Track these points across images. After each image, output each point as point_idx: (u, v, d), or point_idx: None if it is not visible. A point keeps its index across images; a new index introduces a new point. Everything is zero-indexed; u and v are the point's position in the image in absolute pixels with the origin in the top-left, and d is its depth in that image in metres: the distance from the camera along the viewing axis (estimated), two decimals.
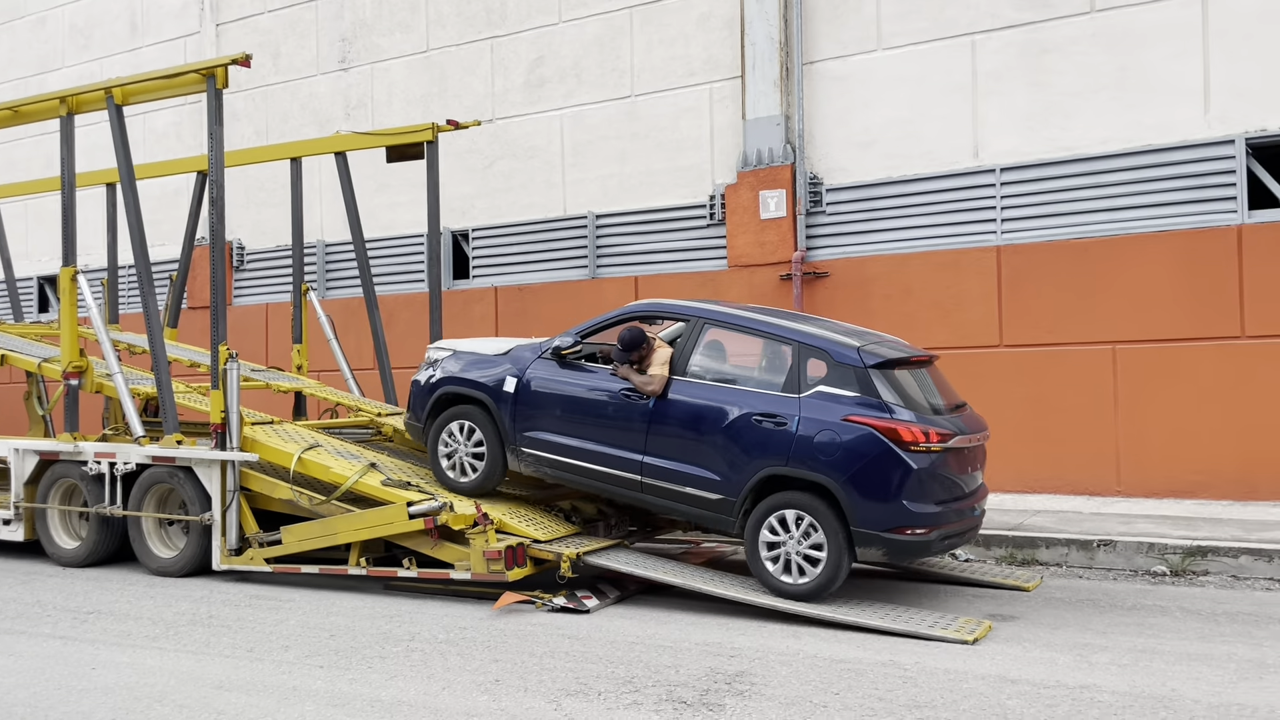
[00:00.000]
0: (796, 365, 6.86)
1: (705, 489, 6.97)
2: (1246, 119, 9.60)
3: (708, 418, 6.97)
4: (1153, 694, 5.07)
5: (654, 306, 7.88)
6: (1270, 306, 9.39)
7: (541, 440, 7.54)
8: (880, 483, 6.47)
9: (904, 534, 6.49)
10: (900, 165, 11.21)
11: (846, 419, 6.57)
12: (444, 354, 8.16)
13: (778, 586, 6.71)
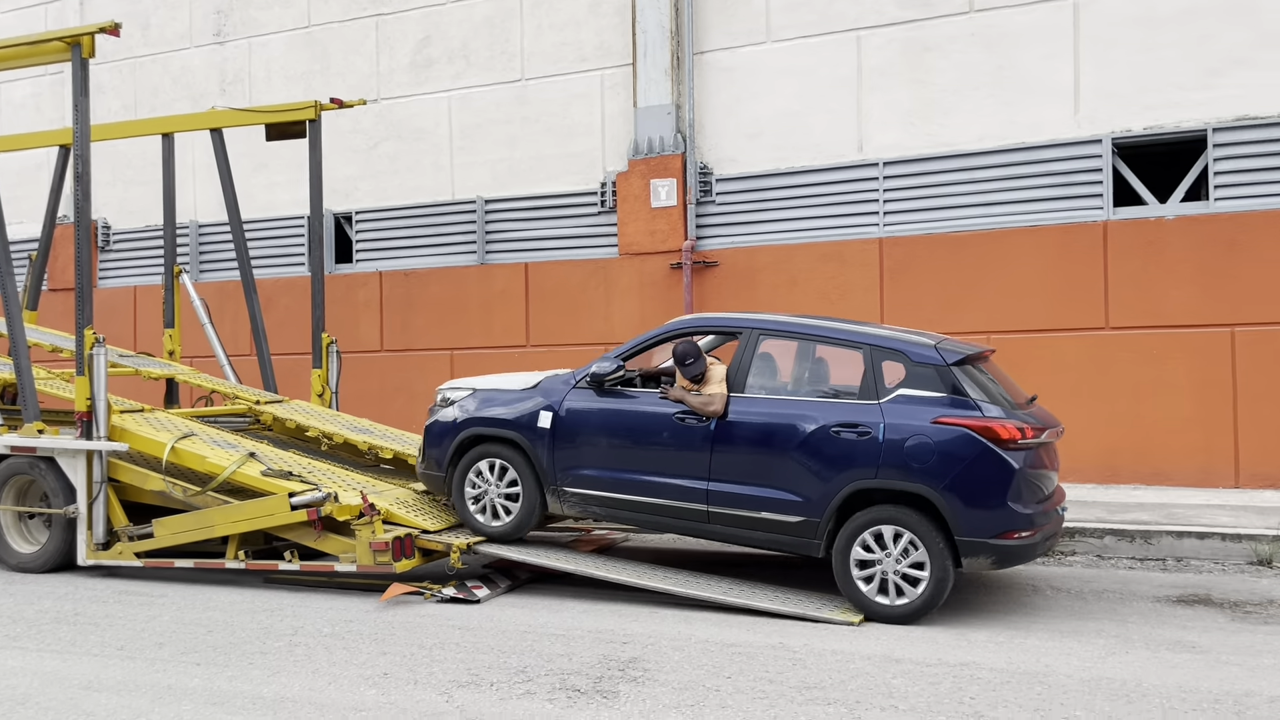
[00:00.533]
0: (871, 369, 6.40)
1: (784, 512, 6.44)
2: (1113, 120, 10.07)
3: (779, 434, 6.45)
4: (1029, 670, 5.28)
5: (700, 321, 7.30)
6: (1131, 299, 9.89)
7: (587, 477, 6.95)
8: (983, 486, 6.04)
9: (1012, 538, 6.06)
10: (788, 157, 11.38)
11: (937, 421, 6.12)
12: (462, 393, 7.50)
13: (877, 610, 6.19)
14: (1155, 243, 9.85)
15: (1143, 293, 9.86)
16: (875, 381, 6.38)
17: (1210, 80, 9.69)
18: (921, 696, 4.90)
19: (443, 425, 7.43)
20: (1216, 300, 9.58)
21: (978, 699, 4.86)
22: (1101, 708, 4.72)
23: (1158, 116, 9.90)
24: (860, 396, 6.40)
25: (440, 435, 7.42)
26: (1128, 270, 9.93)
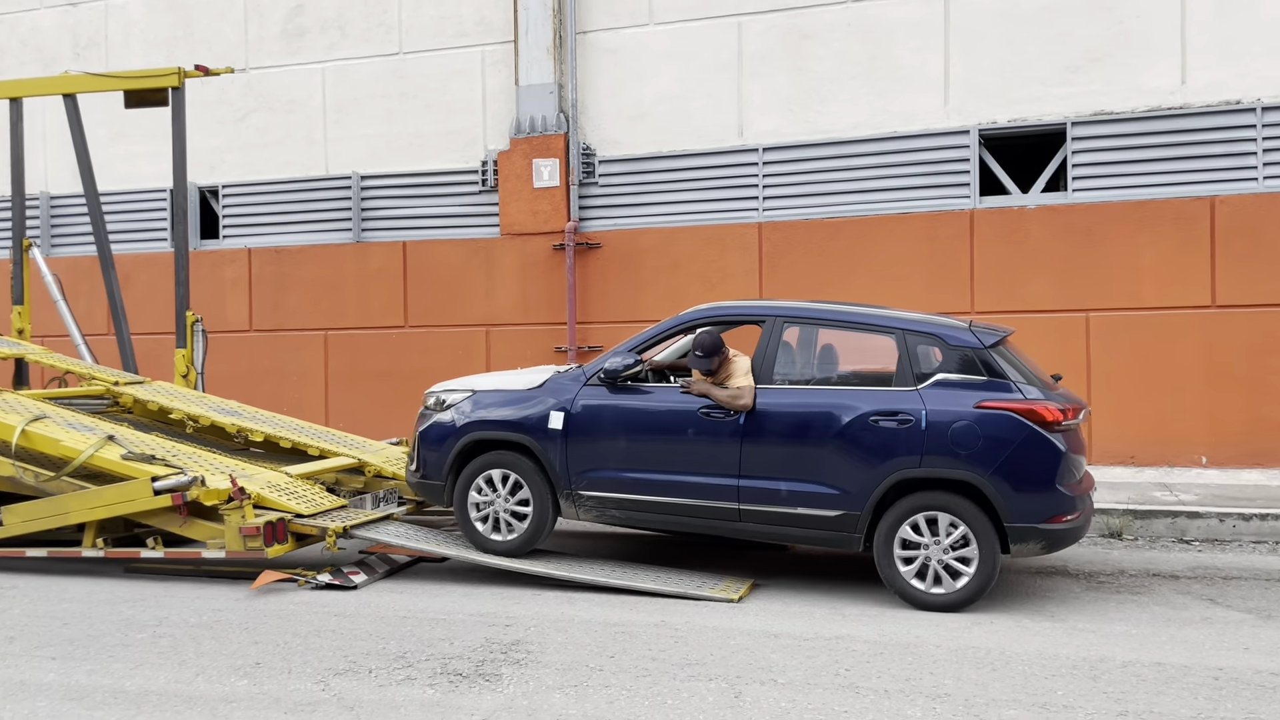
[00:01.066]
0: (907, 355, 6.21)
1: (822, 506, 6.19)
2: (979, 112, 10.45)
3: (815, 426, 6.20)
4: (900, 641, 5.47)
5: (718, 310, 6.86)
6: (995, 285, 10.31)
7: (606, 480, 6.57)
8: (1031, 470, 5.91)
9: (1061, 521, 5.95)
10: (670, 140, 11.43)
11: (981, 406, 5.96)
12: (459, 395, 7.00)
13: (925, 599, 6.03)
14: (1018, 231, 10.28)
15: (1006, 278, 10.29)
16: (911, 367, 6.19)
17: (1070, 76, 10.16)
18: (799, 670, 5.01)
19: (441, 430, 6.92)
20: (1073, 286, 10.07)
21: (852, 670, 5.00)
22: (968, 675, 4.92)
23: (1021, 110, 10.33)
24: (896, 383, 6.19)
25: (438, 441, 6.91)
26: (992, 257, 10.35)
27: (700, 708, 4.55)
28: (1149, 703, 4.53)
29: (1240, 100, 9.67)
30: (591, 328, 11.63)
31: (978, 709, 4.49)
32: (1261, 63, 9.60)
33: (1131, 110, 9.99)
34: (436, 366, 12.12)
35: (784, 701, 4.60)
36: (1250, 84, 9.64)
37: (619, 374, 6.55)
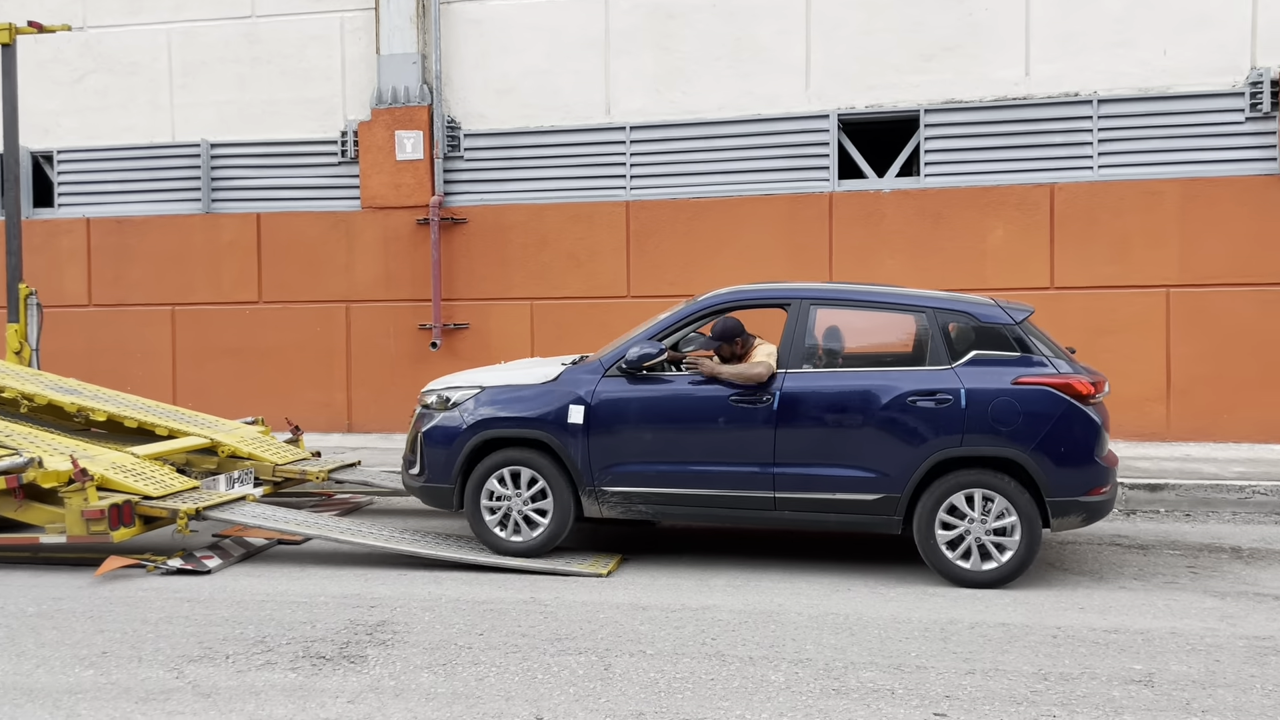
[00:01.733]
0: (939, 334, 6.16)
1: (861, 490, 6.09)
2: (839, 97, 10.75)
3: (851, 409, 6.10)
4: (764, 610, 5.62)
5: (740, 294, 6.64)
6: (852, 266, 10.65)
7: (631, 474, 6.35)
8: (1071, 444, 5.92)
9: (1099, 493, 5.99)
10: (538, 116, 11.33)
11: (1018, 382, 5.95)
12: (465, 392, 6.66)
13: (969, 577, 6.00)
14: (874, 214, 10.64)
15: (863, 260, 10.64)
16: (945, 346, 6.14)
17: (923, 65, 10.54)
18: (668, 641, 5.10)
19: (448, 430, 6.57)
20: (924, 268, 10.49)
21: (719, 639, 5.12)
22: (828, 640, 5.10)
23: (878, 96, 10.67)
24: (930, 362, 6.14)
25: (445, 441, 6.56)
26: (850, 239, 10.68)
27: (570, 681, 4.57)
28: (994, 660, 4.79)
29: (1079, 92, 10.23)
30: (457, 305, 11.47)
31: (836, 672, 4.66)
32: (1099, 57, 10.19)
33: (979, 99, 10.45)
34: (293, 343, 11.74)
35: (653, 672, 4.67)
36: (1088, 77, 10.21)
37: (643, 365, 6.32)
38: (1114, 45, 10.17)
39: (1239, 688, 4.43)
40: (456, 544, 6.74)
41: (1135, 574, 6.28)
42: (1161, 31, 10.08)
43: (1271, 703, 4.26)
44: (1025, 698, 4.34)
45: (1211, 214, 9.96)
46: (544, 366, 6.77)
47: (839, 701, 4.32)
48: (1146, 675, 4.59)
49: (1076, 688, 4.45)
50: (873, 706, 4.27)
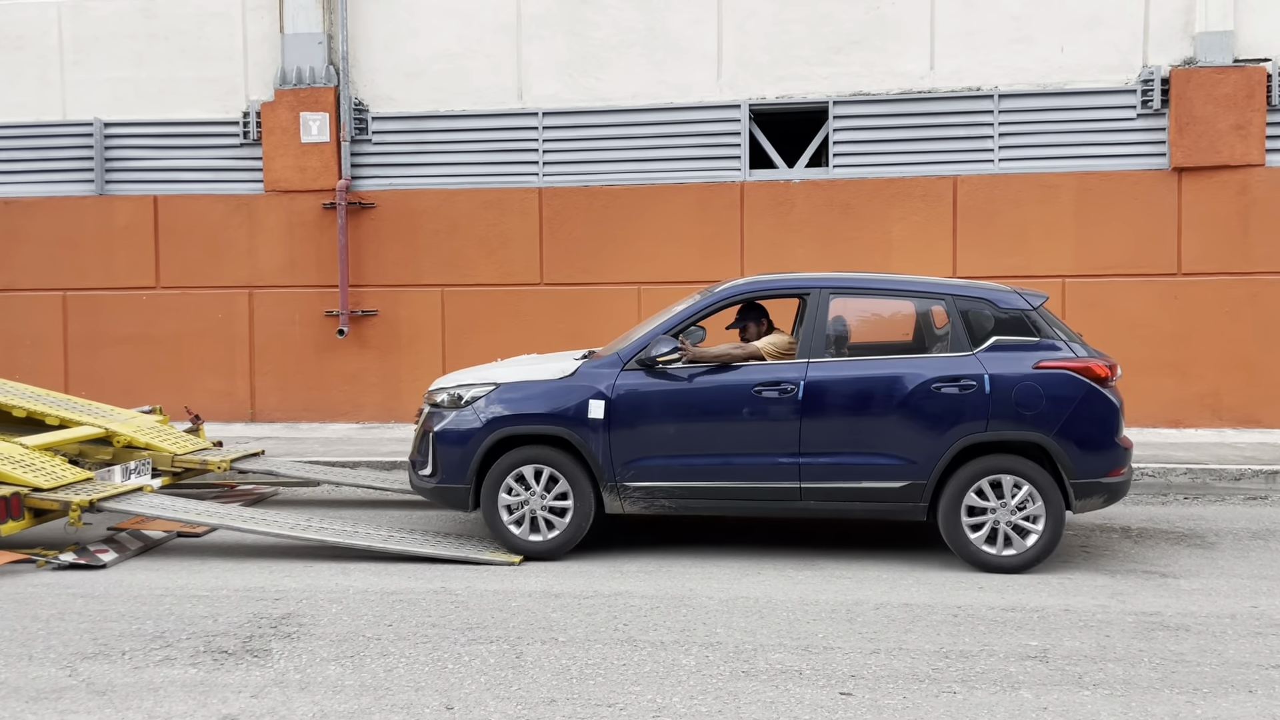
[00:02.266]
0: (959, 321, 6.20)
1: (887, 478, 6.10)
2: (750, 87, 10.84)
3: (876, 397, 6.11)
4: (675, 595, 5.66)
5: (758, 285, 6.65)
6: (763, 254, 10.77)
7: (655, 468, 6.25)
8: (1093, 426, 6.02)
9: (1119, 475, 6.10)
10: (448, 100, 11.17)
11: (1039, 366, 6.02)
12: (479, 389, 6.46)
13: (996, 563, 6.03)
14: (784, 203, 10.77)
15: (773, 249, 10.77)
16: (966, 332, 6.18)
17: (832, 57, 10.70)
18: (579, 628, 5.10)
19: (462, 430, 6.38)
20: (833, 257, 10.66)
21: (630, 625, 5.14)
22: (738, 624, 5.16)
23: (788, 87, 10.79)
24: (951, 349, 6.19)
25: (460, 440, 6.37)
26: (761, 228, 10.80)
27: (482, 670, 4.54)
28: (898, 640, 4.92)
29: (981, 87, 10.51)
30: (365, 291, 11.26)
31: (746, 654, 4.73)
32: (1000, 53, 10.47)
33: (886, 92, 10.65)
34: (193, 330, 11.39)
35: (565, 659, 4.67)
36: (990, 72, 10.49)
37: (660, 359, 6.24)
38: (1014, 42, 10.47)
39: (1128, 661, 4.62)
40: (365, 533, 6.63)
41: None
42: (1058, 29, 10.41)
43: (1158, 675, 4.46)
44: (927, 675, 4.47)
45: (1105, 207, 10.34)
46: (554, 362, 6.66)
47: (748, 683, 4.39)
48: (1042, 651, 4.76)
49: (976, 664, 4.60)
50: (781, 687, 4.34)
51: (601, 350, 6.76)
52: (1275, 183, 10.07)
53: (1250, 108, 10.00)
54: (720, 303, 6.55)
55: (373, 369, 11.28)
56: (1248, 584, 5.81)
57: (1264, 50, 10.09)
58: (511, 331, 11.08)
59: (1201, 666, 4.55)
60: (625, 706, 4.15)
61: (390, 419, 11.26)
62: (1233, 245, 10.16)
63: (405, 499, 8.16)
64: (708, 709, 4.13)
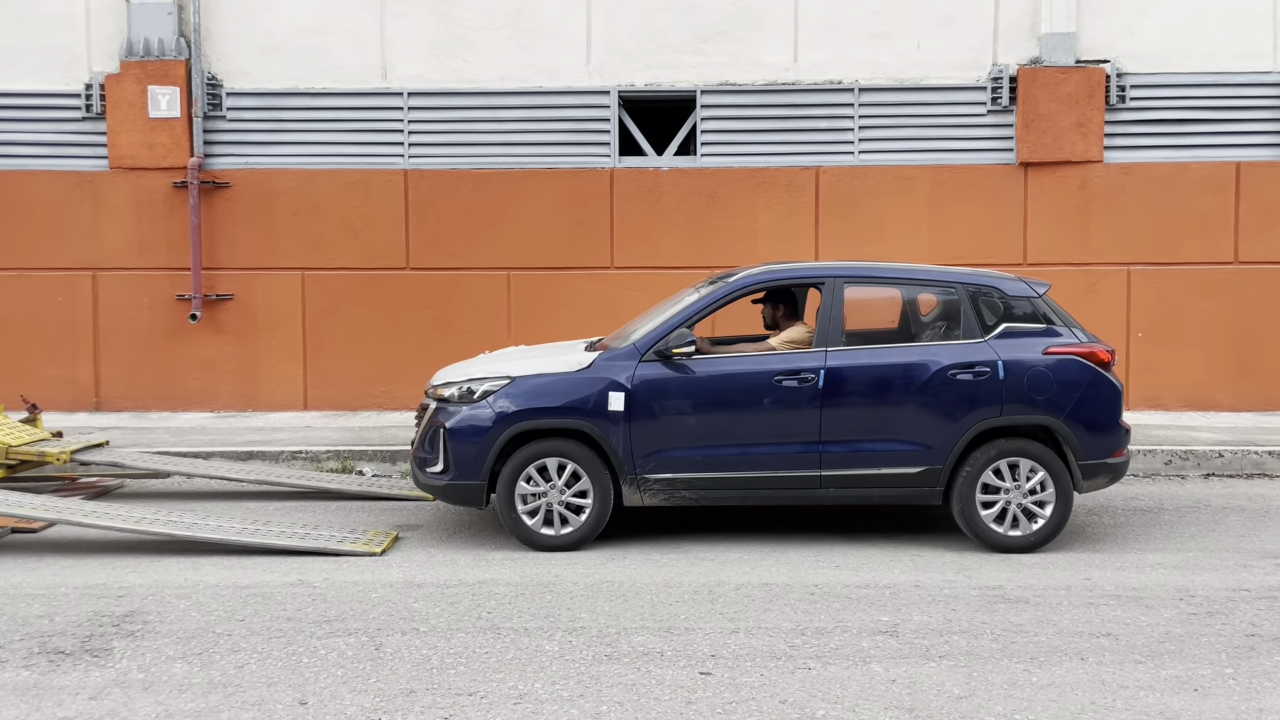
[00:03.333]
0: (970, 308, 6.38)
1: (905, 464, 6.22)
2: (619, 73, 10.85)
3: (894, 384, 6.22)
4: (540, 581, 5.65)
5: (774, 274, 6.68)
6: (633, 242, 10.82)
7: (676, 459, 6.21)
8: (1099, 408, 6.26)
9: (1121, 455, 6.39)
10: (308, 77, 10.80)
11: (1048, 352, 6.25)
12: (493, 383, 6.30)
13: (1009, 543, 6.22)
14: (654, 191, 10.84)
15: (643, 235, 10.83)
16: (977, 320, 6.36)
17: (700, 46, 10.80)
18: (442, 617, 5.04)
19: (478, 423, 6.23)
20: (701, 245, 10.80)
21: (495, 613, 5.11)
22: (602, 608, 5.19)
23: (657, 75, 10.84)
24: (963, 336, 6.35)
25: (475, 435, 6.21)
26: (631, 214, 10.84)
27: (339, 663, 4.44)
28: (757, 619, 5.03)
29: (842, 80, 10.78)
30: (220, 274, 10.81)
31: (610, 638, 4.76)
32: (860, 48, 10.76)
33: (752, 83, 10.82)
34: (30, 315, 10.74)
35: (425, 649, 4.61)
36: (851, 66, 10.78)
37: (677, 350, 6.24)
38: (874, 37, 10.78)
39: (972, 633, 4.85)
40: (218, 525, 6.38)
41: (886, 532, 6.74)
42: (915, 26, 10.76)
43: (999, 646, 4.69)
44: (784, 653, 4.59)
45: (958, 199, 10.77)
46: (562, 354, 6.59)
47: (611, 667, 4.41)
48: (892, 626, 4.95)
49: (830, 641, 4.74)
50: (643, 669, 4.39)
51: (607, 341, 6.79)
52: (1112, 178, 10.69)
53: (1090, 106, 10.57)
54: (735, 293, 6.57)
55: (228, 355, 10.86)
56: (1082, 557, 6.17)
57: (1104, 52, 10.67)
58: (376, 317, 10.83)
59: (1039, 636, 4.81)
60: (486, 695, 4.13)
61: (247, 407, 10.87)
62: (1073, 237, 10.73)
63: (262, 490, 7.89)
64: (569, 694, 4.14)
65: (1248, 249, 10.64)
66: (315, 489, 7.75)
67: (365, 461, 8.69)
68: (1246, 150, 10.65)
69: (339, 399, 10.88)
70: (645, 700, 4.08)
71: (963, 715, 3.95)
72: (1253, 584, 5.61)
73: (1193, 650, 4.62)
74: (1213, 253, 10.63)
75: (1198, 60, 10.63)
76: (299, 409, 10.87)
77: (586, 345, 6.87)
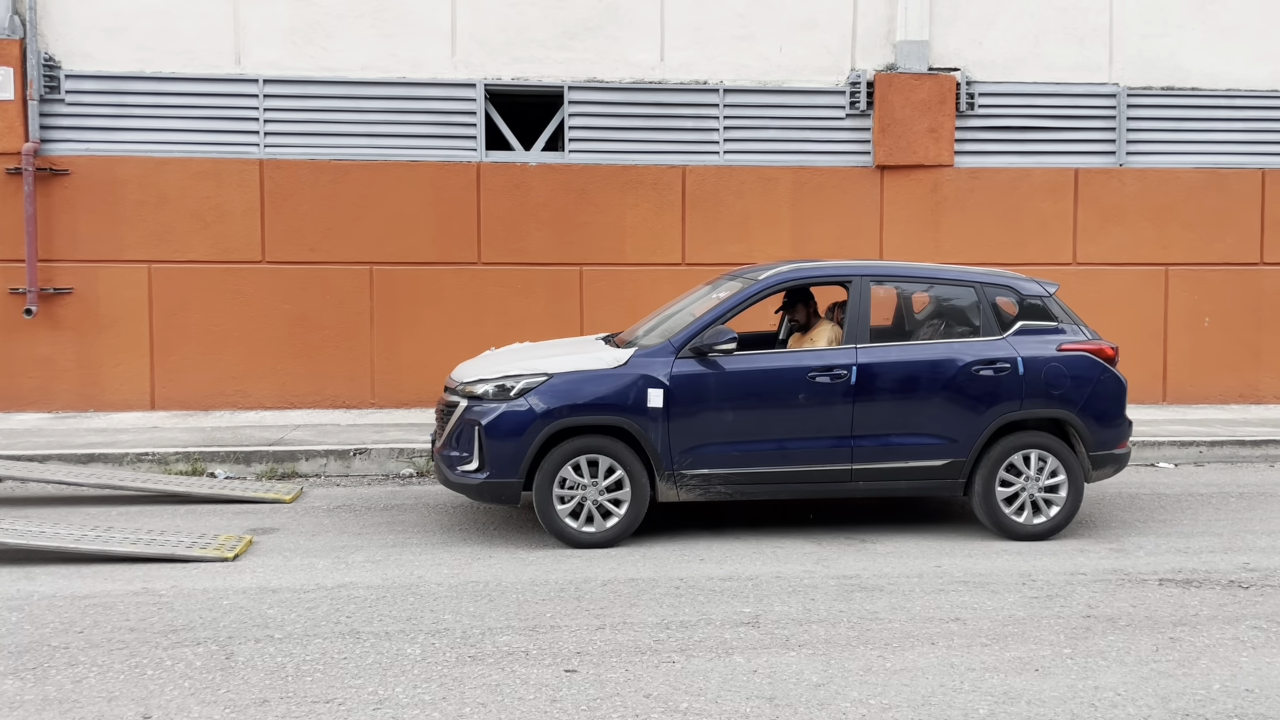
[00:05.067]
0: (988, 307, 6.67)
1: (931, 457, 6.44)
2: (485, 67, 10.71)
3: (922, 380, 6.44)
4: (403, 583, 5.53)
5: (803, 272, 6.80)
6: (501, 237, 10.71)
7: (713, 455, 6.30)
8: (1107, 403, 6.59)
9: (1125, 446, 6.74)
10: (155, 60, 10.29)
11: (1062, 349, 6.56)
12: (530, 379, 6.27)
13: (1026, 531, 6.49)
14: (521, 186, 10.75)
15: (511, 231, 10.72)
16: (995, 318, 6.65)
17: (568, 42, 10.77)
18: (298, 623, 4.87)
19: (517, 420, 6.18)
20: (569, 242, 10.77)
21: (354, 617, 4.97)
22: (467, 608, 5.12)
23: (524, 69, 10.76)
24: (983, 334, 6.62)
25: (514, 432, 6.17)
26: (498, 210, 10.72)
27: (186, 674, 4.24)
28: (623, 614, 5.05)
29: (708, 81, 10.93)
30: (58, 267, 10.19)
31: (474, 639, 4.69)
32: (725, 49, 10.92)
33: (619, 80, 10.85)
34: None
35: (280, 656, 4.45)
36: (716, 67, 10.93)
37: (716, 347, 6.30)
38: (738, 39, 10.95)
39: (830, 622, 4.98)
40: (55, 530, 6.01)
41: (749, 525, 6.86)
42: (778, 29, 10.99)
43: (855, 633, 4.83)
44: (649, 647, 4.62)
45: (818, 201, 11.05)
46: (597, 349, 6.59)
47: (475, 668, 4.36)
48: (754, 617, 5.04)
49: (694, 634, 4.80)
50: (508, 669, 4.35)
51: (626, 336, 6.92)
52: (962, 182, 11.16)
53: (942, 113, 11.01)
54: (766, 290, 6.68)
55: (67, 352, 10.24)
56: (934, 545, 6.42)
57: (954, 60, 11.13)
58: (230, 312, 10.40)
59: (892, 623, 4.98)
60: (345, 701, 4.01)
61: (89, 407, 10.28)
62: (926, 238, 11.16)
63: (104, 494, 7.49)
64: (431, 697, 4.06)
65: (1085, 250, 11.28)
66: (163, 492, 7.40)
67: (218, 463, 8.34)
68: (1084, 157, 11.29)
69: (189, 398, 10.41)
70: (509, 700, 4.04)
71: (820, 703, 4.06)
72: (1089, 568, 5.95)
73: (1034, 632, 4.87)
74: (1054, 254, 11.22)
75: (1040, 71, 11.20)
76: (146, 409, 10.35)
77: (603, 339, 7.00)
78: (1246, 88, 11.33)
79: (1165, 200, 11.29)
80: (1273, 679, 4.32)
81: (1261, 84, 11.34)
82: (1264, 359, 11.44)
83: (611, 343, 6.85)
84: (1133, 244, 11.29)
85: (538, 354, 6.76)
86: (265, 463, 8.38)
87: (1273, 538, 6.63)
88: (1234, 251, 11.38)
